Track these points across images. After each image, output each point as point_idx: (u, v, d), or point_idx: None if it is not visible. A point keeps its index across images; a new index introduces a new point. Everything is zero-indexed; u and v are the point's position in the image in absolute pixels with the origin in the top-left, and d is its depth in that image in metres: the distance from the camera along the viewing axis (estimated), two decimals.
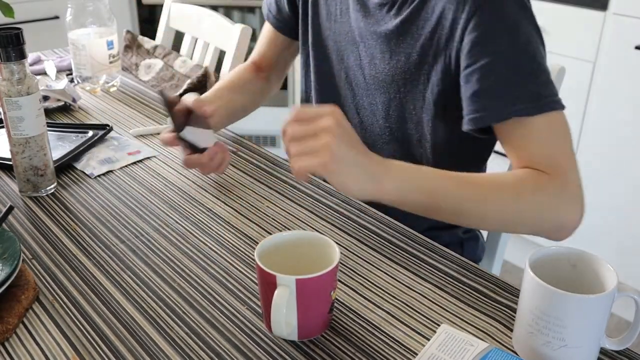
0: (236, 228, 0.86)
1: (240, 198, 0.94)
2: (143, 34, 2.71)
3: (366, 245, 0.83)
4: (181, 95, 1.43)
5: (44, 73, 1.48)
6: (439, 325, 0.68)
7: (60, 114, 1.25)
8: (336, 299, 0.72)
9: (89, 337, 0.66)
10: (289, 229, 0.86)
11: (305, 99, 1.14)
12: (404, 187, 0.77)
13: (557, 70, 1.05)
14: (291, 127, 0.73)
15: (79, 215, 0.89)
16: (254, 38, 1.33)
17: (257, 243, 0.82)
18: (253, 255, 0.79)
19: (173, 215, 0.89)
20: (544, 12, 1.87)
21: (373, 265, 0.79)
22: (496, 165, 2.05)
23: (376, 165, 0.76)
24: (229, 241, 0.83)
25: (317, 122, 0.72)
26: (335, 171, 0.72)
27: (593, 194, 1.90)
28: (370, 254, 0.81)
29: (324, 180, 1.01)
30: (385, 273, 0.77)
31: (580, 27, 1.81)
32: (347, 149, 0.72)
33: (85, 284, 0.75)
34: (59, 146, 1.08)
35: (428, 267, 0.79)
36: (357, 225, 0.87)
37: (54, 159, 1.00)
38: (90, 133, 1.13)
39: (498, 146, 0.90)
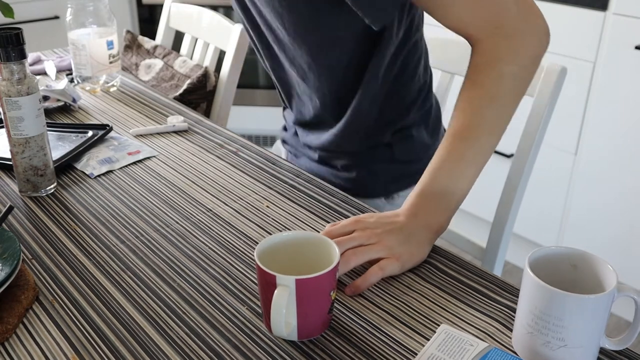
0: (236, 228, 0.86)
1: (240, 198, 0.94)
2: (143, 34, 2.71)
3: None
4: (182, 95, 1.44)
5: (44, 73, 1.48)
6: (438, 325, 0.68)
7: (60, 114, 1.25)
8: (336, 298, 0.72)
9: (88, 337, 0.66)
10: (289, 229, 0.86)
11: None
12: (438, 210, 0.80)
13: (559, 71, 1.05)
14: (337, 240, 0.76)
15: (79, 216, 0.89)
16: None
17: (257, 243, 0.82)
18: (253, 256, 0.79)
19: (173, 215, 0.89)
20: (544, 12, 1.87)
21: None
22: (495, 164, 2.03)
23: (410, 220, 0.79)
24: (229, 241, 0.83)
25: (348, 228, 0.78)
26: (399, 254, 0.76)
27: (593, 194, 1.90)
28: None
29: (342, 190, 1.01)
30: None
31: (580, 27, 1.81)
32: (390, 233, 0.77)
33: (85, 284, 0.75)
34: (59, 146, 1.08)
35: (428, 267, 0.79)
36: None
37: (54, 159, 1.00)
38: (90, 133, 1.13)
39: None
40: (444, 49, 1.22)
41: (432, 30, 1.16)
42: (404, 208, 0.81)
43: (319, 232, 0.85)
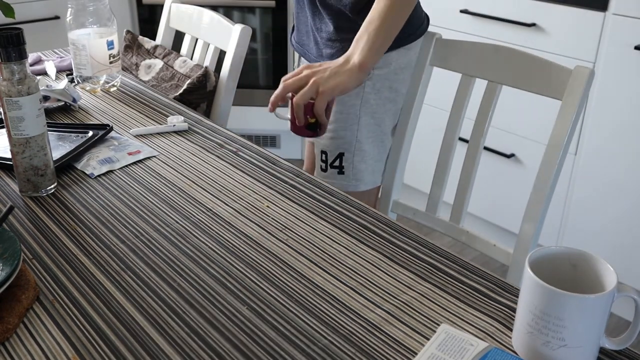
0: (236, 228, 0.86)
1: (240, 198, 0.94)
2: (143, 34, 2.71)
3: (366, 245, 0.83)
4: (182, 95, 1.44)
5: (44, 73, 1.48)
6: (439, 325, 0.68)
7: (61, 114, 1.25)
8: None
9: (89, 337, 0.66)
10: (289, 229, 0.86)
11: None
12: (365, 51, 1.08)
13: (588, 74, 1.01)
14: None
15: (79, 215, 0.89)
16: (254, 38, 1.33)
17: (257, 243, 0.82)
18: (253, 255, 0.80)
19: (173, 214, 0.89)
20: (544, 12, 1.87)
21: (373, 265, 0.79)
22: (492, 161, 2.03)
23: (345, 61, 1.08)
24: (228, 241, 0.83)
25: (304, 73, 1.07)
26: (328, 82, 1.05)
27: (593, 194, 1.90)
28: (370, 254, 0.81)
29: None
30: (385, 273, 0.77)
31: (580, 27, 1.81)
32: (324, 73, 1.06)
33: (86, 283, 0.75)
34: (59, 146, 1.08)
35: (428, 267, 0.79)
36: (357, 225, 0.88)
37: (54, 159, 1.00)
38: (90, 133, 1.13)
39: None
40: (462, 51, 1.18)
41: (450, 34, 1.15)
42: (346, 53, 1.09)
43: (319, 232, 0.85)
